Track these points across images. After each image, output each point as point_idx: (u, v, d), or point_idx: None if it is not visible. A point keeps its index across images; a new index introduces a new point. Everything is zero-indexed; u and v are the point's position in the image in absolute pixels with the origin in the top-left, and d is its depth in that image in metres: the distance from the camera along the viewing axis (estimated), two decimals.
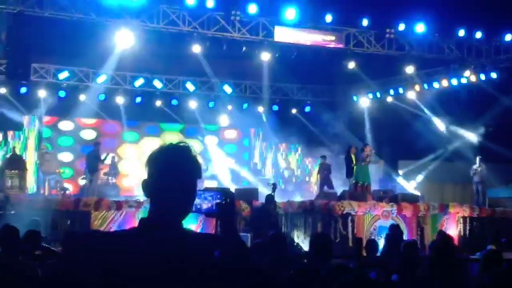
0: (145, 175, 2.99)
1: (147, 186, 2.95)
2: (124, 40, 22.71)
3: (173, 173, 2.89)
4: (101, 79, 28.62)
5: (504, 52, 26.66)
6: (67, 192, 25.03)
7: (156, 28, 22.89)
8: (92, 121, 30.60)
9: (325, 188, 24.50)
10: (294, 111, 33.04)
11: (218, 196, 3.19)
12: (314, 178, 27.39)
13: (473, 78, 27.24)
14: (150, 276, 2.73)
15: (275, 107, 32.67)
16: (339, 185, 25.29)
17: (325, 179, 25.46)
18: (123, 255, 2.75)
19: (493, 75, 26.99)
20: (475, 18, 25.91)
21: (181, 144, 3.01)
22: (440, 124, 30.27)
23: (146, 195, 2.96)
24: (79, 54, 26.23)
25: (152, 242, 2.79)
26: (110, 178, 26.08)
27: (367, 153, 23.31)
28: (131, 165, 30.14)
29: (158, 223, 2.87)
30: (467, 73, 27.23)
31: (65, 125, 30.27)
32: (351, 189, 23.10)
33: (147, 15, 22.60)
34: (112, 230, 16.81)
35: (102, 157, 24.67)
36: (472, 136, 29.68)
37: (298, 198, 23.04)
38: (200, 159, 3.08)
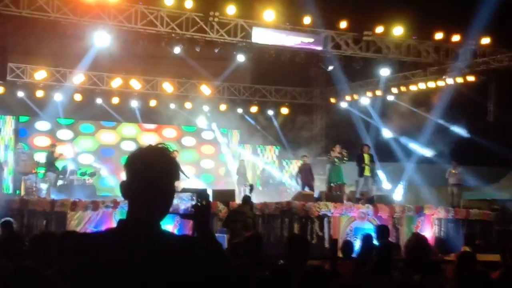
0: (123, 177, 3.00)
1: (125, 187, 2.96)
2: (101, 40, 22.66)
3: (151, 175, 2.91)
4: (78, 79, 28.51)
5: (480, 55, 26.89)
6: None
7: (133, 28, 22.82)
8: (68, 121, 30.45)
9: (306, 188, 24.53)
10: (271, 112, 33.09)
11: (194, 198, 3.21)
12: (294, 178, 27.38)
13: (450, 81, 27.45)
14: (127, 277, 2.75)
15: (253, 109, 32.69)
16: (317, 186, 25.35)
17: (305, 179, 25.45)
18: (100, 256, 2.76)
19: (470, 78, 27.21)
20: (452, 22, 26.10)
21: (159, 146, 3.03)
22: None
23: (124, 196, 2.98)
24: (56, 54, 26.13)
25: (129, 243, 2.81)
26: (87, 179, 25.95)
27: (336, 154, 23.48)
28: (108, 166, 30.04)
29: (136, 224, 2.89)
30: (444, 76, 27.42)
31: (42, 125, 30.09)
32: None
33: (124, 16, 22.52)
34: (88, 230, 16.79)
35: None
36: (448, 139, 29.86)
37: (275, 199, 23.06)
38: (177, 161, 3.10)
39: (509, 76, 26.37)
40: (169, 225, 17.79)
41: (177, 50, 23.97)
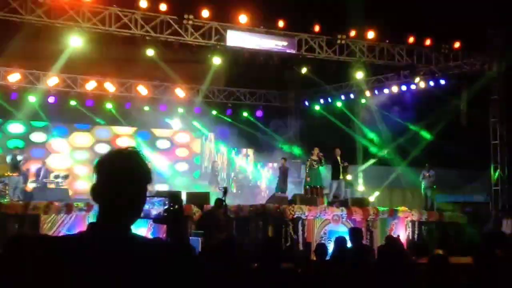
0: (94, 180, 2.99)
1: (95, 191, 2.95)
2: (75, 42, 22.55)
3: (121, 178, 2.90)
4: (52, 81, 28.36)
5: (453, 59, 27.10)
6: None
7: (107, 31, 22.74)
8: (42, 124, 30.26)
9: (282, 191, 24.55)
10: (246, 115, 33.12)
11: (167, 202, 3.20)
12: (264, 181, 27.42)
13: (422, 85, 27.65)
14: (96, 282, 2.74)
15: (227, 111, 32.70)
16: (292, 189, 25.39)
17: (281, 182, 25.46)
18: (69, 260, 2.75)
19: (442, 81, 27.43)
20: (424, 26, 26.30)
21: (130, 149, 3.02)
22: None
23: (95, 200, 2.96)
24: (29, 56, 25.96)
25: (99, 247, 2.80)
26: (60, 182, 25.77)
27: (314, 157, 23.54)
28: (82, 169, 29.94)
29: (106, 228, 2.88)
30: (416, 79, 27.62)
31: (15, 127, 29.89)
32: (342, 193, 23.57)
33: (98, 18, 22.42)
34: (61, 233, 16.69)
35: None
36: (421, 142, 30.09)
37: (250, 202, 23.06)
38: (149, 164, 3.09)
39: (481, 79, 26.58)
40: (142, 229, 17.78)
41: (151, 52, 23.91)
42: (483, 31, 26.20)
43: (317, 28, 25.14)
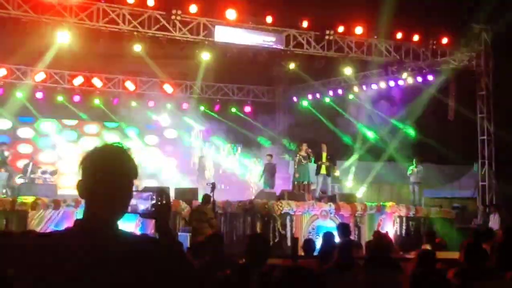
0: (80, 176, 2.98)
1: (81, 187, 2.94)
2: (62, 38, 22.45)
3: (107, 174, 2.89)
4: (39, 77, 28.26)
5: (441, 55, 27.16)
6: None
7: (95, 26, 22.64)
8: (29, 119, 30.16)
9: (270, 187, 24.57)
10: (234, 111, 33.12)
11: (154, 197, 3.18)
12: (258, 176, 27.34)
13: (410, 80, 27.70)
14: (83, 278, 2.73)
15: (216, 107, 32.70)
16: (280, 185, 25.40)
17: (268, 178, 25.49)
18: (56, 257, 2.74)
19: (430, 77, 27.48)
20: (412, 21, 26.34)
21: (116, 145, 3.01)
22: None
23: (81, 196, 2.95)
24: (16, 51, 25.83)
25: (86, 243, 2.79)
26: (48, 177, 25.67)
27: (303, 153, 23.55)
28: (69, 164, 29.83)
29: (92, 224, 2.87)
30: (404, 75, 27.65)
31: (2, 123, 29.80)
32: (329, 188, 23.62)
33: (86, 14, 22.33)
34: (49, 230, 16.63)
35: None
36: (409, 137, 30.17)
37: (238, 198, 23.07)
38: (135, 160, 3.07)
39: (469, 75, 26.67)
40: (131, 224, 17.74)
41: (138, 48, 23.85)
42: (471, 26, 26.28)
43: (305, 23, 25.12)
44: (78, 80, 29.39)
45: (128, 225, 16.45)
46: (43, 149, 30.43)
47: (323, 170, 23.71)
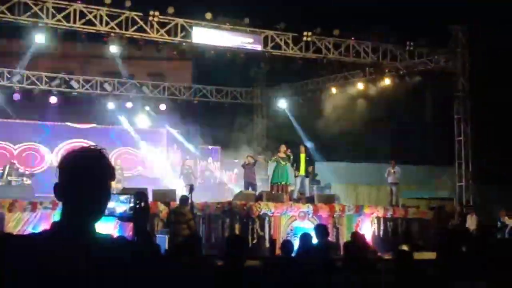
0: (57, 179, 2.98)
1: (58, 189, 2.94)
2: (39, 39, 22.35)
3: (84, 177, 2.89)
4: (16, 78, 28.08)
5: (418, 56, 27.32)
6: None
7: (72, 27, 22.55)
8: (5, 121, 29.93)
9: (250, 188, 24.55)
10: (212, 112, 33.08)
11: (132, 200, 3.18)
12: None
13: (387, 81, 27.83)
14: (59, 281, 2.72)
15: (194, 109, 32.64)
16: (259, 186, 25.39)
17: (249, 178, 25.43)
18: (32, 260, 2.74)
19: (407, 78, 27.63)
20: (389, 23, 26.49)
21: (92, 147, 3.01)
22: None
23: (58, 198, 2.95)
24: None
25: (62, 246, 2.78)
26: (25, 180, 25.55)
27: (281, 154, 23.57)
28: (48, 167, 29.67)
29: (69, 227, 2.87)
30: (382, 76, 27.79)
31: None
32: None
33: (63, 15, 22.23)
34: (27, 232, 16.55)
35: None
36: (386, 139, 30.30)
37: (216, 199, 23.03)
38: (113, 162, 3.07)
39: (446, 76, 26.85)
40: (109, 226, 17.67)
41: (116, 49, 23.79)
42: (447, 27, 26.47)
43: (283, 25, 25.19)
44: (56, 82, 29.20)
45: (106, 226, 16.41)
46: (20, 151, 30.21)
47: (301, 172, 23.76)
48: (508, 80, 28.28)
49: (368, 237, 19.49)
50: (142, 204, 3.04)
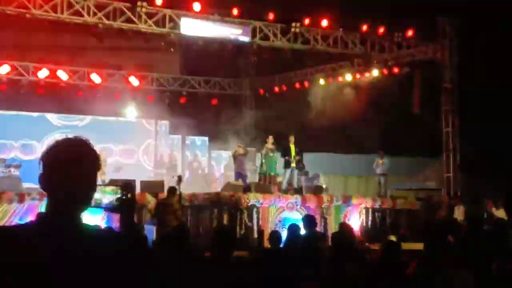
0: (41, 170, 2.96)
1: (43, 180, 2.93)
2: (27, 30, 22.26)
3: (69, 167, 2.87)
4: (3, 69, 27.91)
5: (406, 47, 27.36)
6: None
7: (59, 18, 22.43)
8: None
9: (240, 179, 24.53)
10: (201, 103, 33.03)
11: (119, 191, 3.16)
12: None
13: (375, 73, 27.85)
14: (45, 272, 2.71)
15: (182, 100, 32.57)
16: (247, 177, 25.38)
17: (240, 169, 25.39)
18: (17, 251, 2.72)
19: (395, 70, 27.66)
20: (377, 14, 26.50)
21: (77, 138, 2.99)
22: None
23: (43, 189, 2.94)
24: None
25: (48, 237, 2.77)
26: (12, 171, 25.41)
27: (269, 145, 23.57)
28: (34, 158, 29.53)
29: (55, 218, 2.85)
30: (370, 67, 27.81)
31: None
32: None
33: (50, 5, 22.11)
34: (13, 223, 16.50)
35: None
36: (374, 129, 30.35)
37: (204, 190, 23.04)
38: (98, 153, 3.05)
39: (434, 67, 26.89)
40: (96, 217, 17.64)
41: (103, 40, 23.70)
42: (435, 19, 26.50)
43: (271, 16, 25.16)
44: (43, 73, 29.01)
45: (94, 218, 16.39)
46: (7, 143, 30.05)
47: (292, 163, 23.76)
48: (495, 72, 28.38)
49: (356, 228, 19.56)
50: (129, 195, 3.03)
